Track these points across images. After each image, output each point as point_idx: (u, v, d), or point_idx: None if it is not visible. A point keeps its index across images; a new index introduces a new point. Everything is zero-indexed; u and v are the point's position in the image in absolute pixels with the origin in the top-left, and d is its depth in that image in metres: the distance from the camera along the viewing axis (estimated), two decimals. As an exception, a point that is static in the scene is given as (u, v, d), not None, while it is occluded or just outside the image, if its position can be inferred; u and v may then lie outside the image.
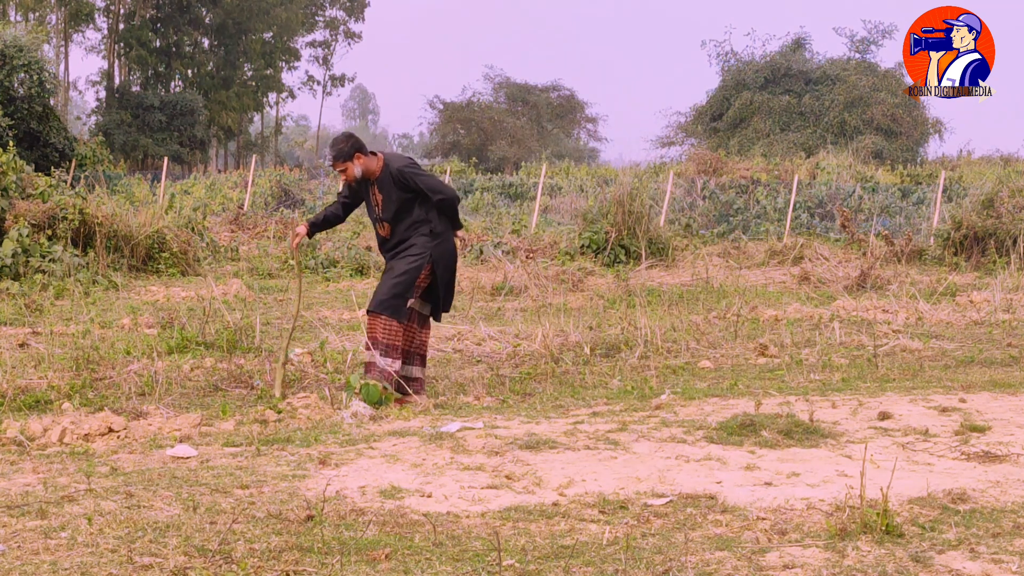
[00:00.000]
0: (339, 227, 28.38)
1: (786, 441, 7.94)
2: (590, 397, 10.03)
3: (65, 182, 24.47)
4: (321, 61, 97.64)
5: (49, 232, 20.34)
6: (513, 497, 6.60)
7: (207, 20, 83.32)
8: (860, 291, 19.40)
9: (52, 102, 47.44)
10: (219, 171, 65.41)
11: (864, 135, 61.96)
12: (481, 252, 23.95)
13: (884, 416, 8.94)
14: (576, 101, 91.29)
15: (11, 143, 24.82)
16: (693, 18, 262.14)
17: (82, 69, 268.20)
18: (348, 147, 9.92)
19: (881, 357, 12.23)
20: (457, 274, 10.75)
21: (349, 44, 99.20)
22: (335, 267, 22.56)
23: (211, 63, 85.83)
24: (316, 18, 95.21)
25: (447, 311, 10.43)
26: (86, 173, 33.66)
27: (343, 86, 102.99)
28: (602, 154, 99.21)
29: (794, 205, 34.83)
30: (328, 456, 7.50)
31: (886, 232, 27.17)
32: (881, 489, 5.92)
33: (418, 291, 9.88)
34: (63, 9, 75.84)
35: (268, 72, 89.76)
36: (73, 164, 39.44)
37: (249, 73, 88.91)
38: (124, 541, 5.53)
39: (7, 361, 10.76)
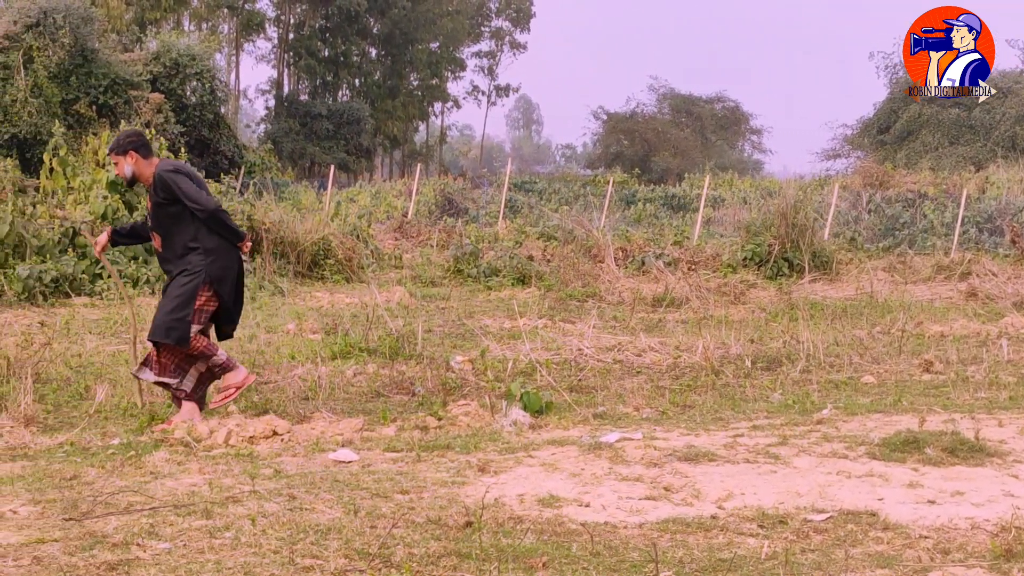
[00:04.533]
0: (502, 236, 28.46)
1: (950, 459, 7.80)
2: (750, 410, 9.96)
3: (234, 188, 25.02)
4: (486, 71, 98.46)
5: (218, 238, 20.75)
6: (671, 509, 6.58)
7: (375, 30, 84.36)
8: (1030, 308, 18.95)
9: (223, 110, 48.47)
10: (384, 179, 66.18)
11: (1037, 149, 60.47)
12: (643, 263, 23.91)
13: (1054, 436, 8.74)
14: (740, 112, 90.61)
15: (183, 150, 25.44)
16: (860, 30, 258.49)
17: (252, 78, 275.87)
18: (125, 142, 9.04)
19: (1052, 376, 11.95)
20: (245, 289, 9.83)
21: (514, 54, 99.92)
22: (497, 276, 22.60)
23: (378, 72, 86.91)
24: (482, 28, 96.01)
25: (234, 324, 9.45)
26: (254, 180, 34.36)
27: (508, 96, 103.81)
28: (766, 166, 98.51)
29: (962, 220, 34.12)
30: (487, 463, 7.55)
31: (1058, 248, 26.55)
32: (1049, 511, 5.80)
33: (203, 315, 8.91)
34: (235, 19, 77.43)
35: (434, 82, 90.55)
36: (242, 171, 40.30)
37: (415, 83, 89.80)
38: (286, 542, 5.63)
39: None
